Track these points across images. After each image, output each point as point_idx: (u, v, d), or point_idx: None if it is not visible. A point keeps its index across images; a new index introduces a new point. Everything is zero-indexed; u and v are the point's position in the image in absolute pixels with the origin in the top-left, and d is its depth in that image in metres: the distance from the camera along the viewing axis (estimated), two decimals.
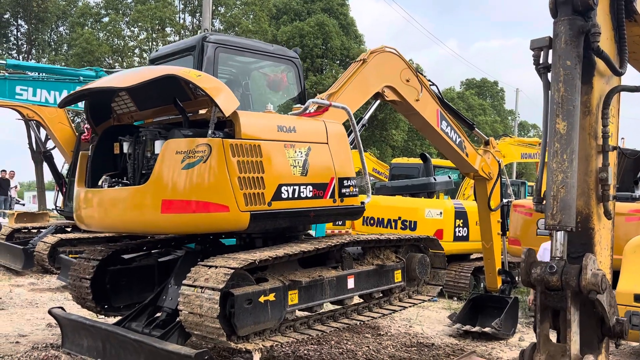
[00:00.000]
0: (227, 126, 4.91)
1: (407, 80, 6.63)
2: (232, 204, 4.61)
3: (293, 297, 4.79)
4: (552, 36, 2.50)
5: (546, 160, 2.41)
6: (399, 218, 11.03)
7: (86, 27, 30.13)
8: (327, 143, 5.43)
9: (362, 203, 5.73)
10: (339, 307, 5.40)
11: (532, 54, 2.61)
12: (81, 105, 8.79)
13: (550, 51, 2.52)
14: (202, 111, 5.25)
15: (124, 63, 30.83)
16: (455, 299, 10.64)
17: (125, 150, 5.44)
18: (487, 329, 7.43)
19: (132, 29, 31.52)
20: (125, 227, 5.32)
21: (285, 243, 5.28)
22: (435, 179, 11.98)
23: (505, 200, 8.32)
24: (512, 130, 50.65)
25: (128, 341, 5.02)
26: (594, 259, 2.30)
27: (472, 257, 11.88)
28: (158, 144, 5.03)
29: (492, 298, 8.27)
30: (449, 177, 12.99)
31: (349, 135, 6.09)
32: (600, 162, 2.53)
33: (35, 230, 13.19)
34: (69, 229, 12.97)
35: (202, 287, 4.41)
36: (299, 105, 5.69)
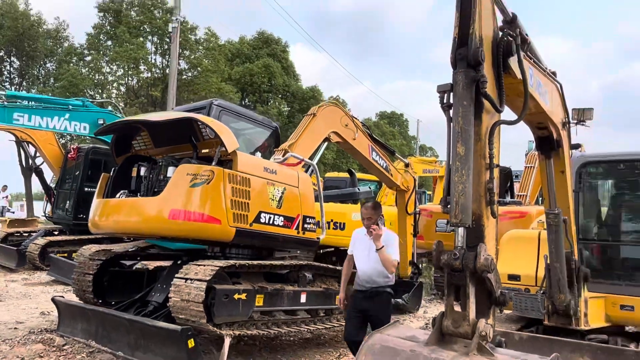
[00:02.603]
0: (226, 161, 5.12)
1: (346, 125, 7.03)
2: (223, 219, 4.82)
3: (259, 299, 4.97)
4: (452, 83, 2.61)
5: (451, 175, 2.51)
6: (332, 220, 11.13)
7: (71, 64, 28.68)
8: (298, 187, 5.71)
9: (318, 238, 6.02)
10: (291, 316, 5.43)
11: (438, 95, 2.71)
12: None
13: (451, 94, 2.62)
14: (205, 150, 5.58)
15: (104, 95, 29.57)
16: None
17: (142, 173, 5.61)
18: (399, 300, 7.68)
19: (111, 66, 30.24)
20: (136, 229, 5.26)
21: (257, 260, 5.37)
22: (359, 189, 12.16)
23: (417, 209, 8.64)
24: (415, 151, 52.19)
25: (122, 321, 4.89)
26: (485, 247, 2.44)
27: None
28: (171, 169, 5.21)
29: (404, 282, 8.52)
30: (369, 188, 13.24)
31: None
32: (488, 176, 2.63)
33: (26, 234, 12.43)
34: (56, 233, 12.29)
35: (191, 279, 4.48)
36: (279, 157, 6.00)
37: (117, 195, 5.58)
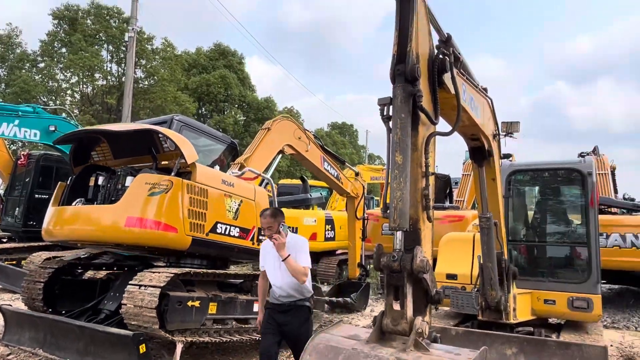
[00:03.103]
0: (185, 173, 5.05)
1: (299, 138, 7.08)
2: (180, 228, 4.70)
3: (213, 307, 4.89)
4: (392, 96, 2.65)
5: (389, 181, 2.55)
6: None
7: (23, 70, 27.12)
8: (254, 200, 5.68)
9: None
10: (242, 325, 5.33)
11: (379, 108, 2.75)
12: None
13: (391, 107, 2.65)
14: (164, 162, 5.49)
15: (57, 101, 28.13)
16: (325, 284, 10.84)
17: (99, 182, 5.42)
18: (347, 299, 7.74)
19: (66, 73, 28.85)
20: (92, 237, 5.03)
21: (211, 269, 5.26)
22: (311, 196, 12.22)
23: (365, 215, 8.77)
24: (364, 160, 52.99)
25: (72, 328, 4.64)
26: (421, 249, 2.49)
27: (337, 252, 12.20)
28: (129, 179, 5.07)
29: (352, 283, 8.60)
30: (321, 194, 13.31)
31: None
32: (424, 184, 2.69)
33: None
34: (4, 240, 11.53)
35: (146, 286, 4.32)
36: (237, 171, 5.96)
37: (74, 204, 5.32)
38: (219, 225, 5.13)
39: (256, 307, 5.37)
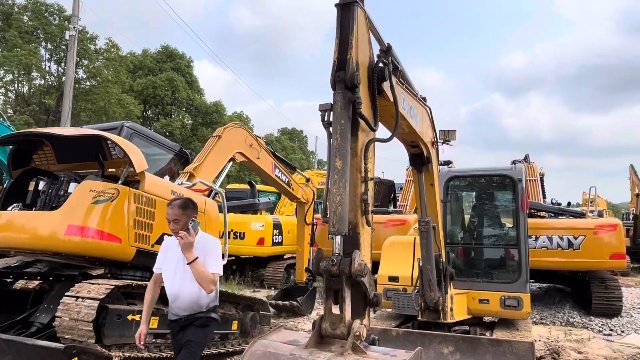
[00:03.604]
0: (133, 182, 4.84)
1: (251, 145, 6.97)
2: (124, 238, 4.48)
3: (154, 322, 4.60)
4: (332, 103, 2.66)
5: (329, 186, 2.54)
6: (232, 230, 10.87)
7: None
8: (204, 212, 5.53)
9: None
10: None
11: (320, 113, 2.76)
12: None
13: (331, 113, 2.66)
14: (112, 169, 5.23)
15: None
16: (273, 288, 10.73)
17: (40, 187, 5.09)
18: (293, 302, 7.71)
19: None
20: (28, 245, 4.67)
21: None
22: (259, 200, 12.10)
23: (315, 220, 8.77)
24: (313, 165, 53.25)
25: None
26: (359, 253, 2.49)
27: (285, 257, 12.12)
28: (73, 185, 4.81)
29: (299, 288, 8.57)
30: (269, 199, 13.19)
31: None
32: (363, 189, 2.70)
33: None
34: None
35: (83, 298, 4.04)
36: (188, 182, 5.80)
37: (9, 208, 4.92)
38: (165, 237, 4.98)
39: None
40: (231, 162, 6.95)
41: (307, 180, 8.97)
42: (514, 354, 4.06)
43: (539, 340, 6.70)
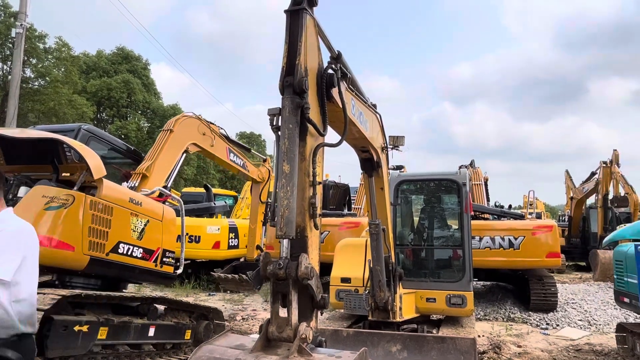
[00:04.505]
0: (89, 188, 4.64)
1: (204, 134, 6.73)
2: (77, 246, 4.26)
3: (103, 332, 4.39)
4: (281, 107, 2.63)
5: (277, 190, 2.51)
6: (187, 234, 10.59)
7: None
8: (161, 221, 5.31)
9: (175, 272, 5.68)
10: (136, 350, 4.90)
11: (269, 118, 2.72)
12: None
13: (280, 117, 2.63)
14: (66, 174, 5.01)
15: None
16: (228, 292, 10.52)
17: None
18: (242, 275, 7.60)
19: None
20: None
21: (106, 291, 4.78)
22: (215, 204, 11.85)
23: (269, 200, 8.66)
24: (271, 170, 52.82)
25: None
26: (306, 256, 2.46)
27: (241, 260, 11.93)
28: (23, 189, 4.62)
29: (249, 265, 8.47)
30: (225, 202, 12.96)
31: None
32: (311, 192, 2.68)
33: None
34: None
35: None
36: (146, 190, 5.60)
37: None
38: (121, 245, 4.79)
39: (152, 332, 4.97)
40: (184, 155, 6.68)
41: (264, 160, 8.90)
42: (458, 350, 4.17)
43: (482, 336, 6.94)
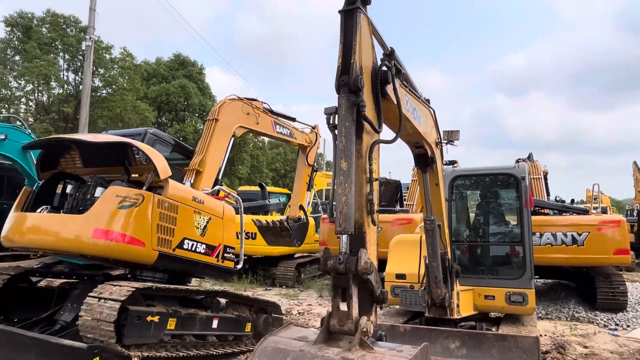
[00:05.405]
0: (156, 188, 4.91)
1: (248, 113, 6.51)
2: (147, 242, 4.53)
3: (172, 323, 4.63)
4: (337, 106, 2.66)
5: (335, 187, 2.55)
6: (244, 231, 10.89)
7: None
8: (222, 218, 5.54)
9: (235, 267, 5.89)
10: (201, 341, 5.13)
11: (325, 117, 2.76)
12: None
13: (336, 115, 2.67)
14: (135, 175, 5.32)
15: (11, 109, 26.55)
16: (284, 287, 10.74)
17: (68, 191, 5.18)
18: (284, 223, 7.44)
19: (20, 81, 27.29)
20: (56, 246, 4.70)
21: (172, 284, 5.05)
22: (269, 202, 12.10)
23: (315, 167, 8.50)
24: (322, 167, 53.20)
25: (23, 339, 4.34)
26: (365, 252, 2.49)
27: (295, 256, 12.12)
28: (99, 189, 4.90)
29: (291, 220, 8.12)
30: (279, 200, 13.20)
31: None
32: (368, 189, 2.70)
33: None
34: None
35: (105, 299, 4.10)
36: (207, 189, 5.79)
37: (38, 210, 5.02)
38: (186, 241, 5.02)
39: (215, 324, 5.19)
40: (232, 139, 6.49)
41: (313, 127, 8.58)
42: (519, 349, 4.02)
43: (545, 335, 6.64)
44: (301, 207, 8.37)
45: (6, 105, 27.02)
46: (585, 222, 8.23)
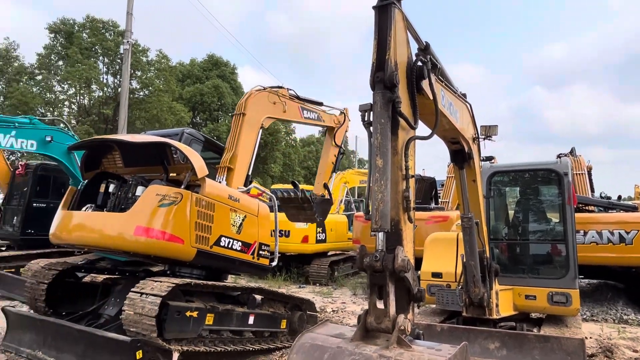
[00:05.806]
0: (194, 186, 5.03)
1: (274, 103, 6.47)
2: (186, 239, 4.68)
3: (210, 318, 4.77)
4: (372, 103, 2.65)
5: (371, 184, 2.54)
6: (278, 228, 11.01)
7: (21, 83, 26.85)
8: (257, 216, 5.67)
9: (270, 264, 5.98)
10: (237, 336, 5.26)
11: (360, 114, 2.76)
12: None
13: (371, 112, 2.66)
14: (173, 174, 5.50)
15: (55, 112, 27.89)
16: (318, 284, 10.80)
17: (110, 190, 5.39)
18: (308, 196, 7.30)
19: (63, 85, 28.61)
20: (99, 243, 4.93)
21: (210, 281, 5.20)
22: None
23: (342, 150, 8.37)
24: (354, 164, 53.04)
25: (72, 332, 4.60)
26: (402, 249, 2.48)
27: (328, 254, 12.16)
28: (140, 188, 5.06)
29: (315, 196, 8.03)
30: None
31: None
32: (405, 186, 2.68)
33: None
34: (3, 248, 11.37)
35: (147, 294, 4.29)
36: (242, 187, 5.92)
37: (83, 209, 5.30)
38: (222, 239, 5.14)
39: (251, 320, 5.31)
40: (260, 131, 6.47)
41: (342, 112, 8.47)
42: (563, 351, 3.89)
43: (590, 338, 6.38)
44: (325, 186, 8.25)
45: (51, 109, 28.39)
46: (634, 219, 7.84)
